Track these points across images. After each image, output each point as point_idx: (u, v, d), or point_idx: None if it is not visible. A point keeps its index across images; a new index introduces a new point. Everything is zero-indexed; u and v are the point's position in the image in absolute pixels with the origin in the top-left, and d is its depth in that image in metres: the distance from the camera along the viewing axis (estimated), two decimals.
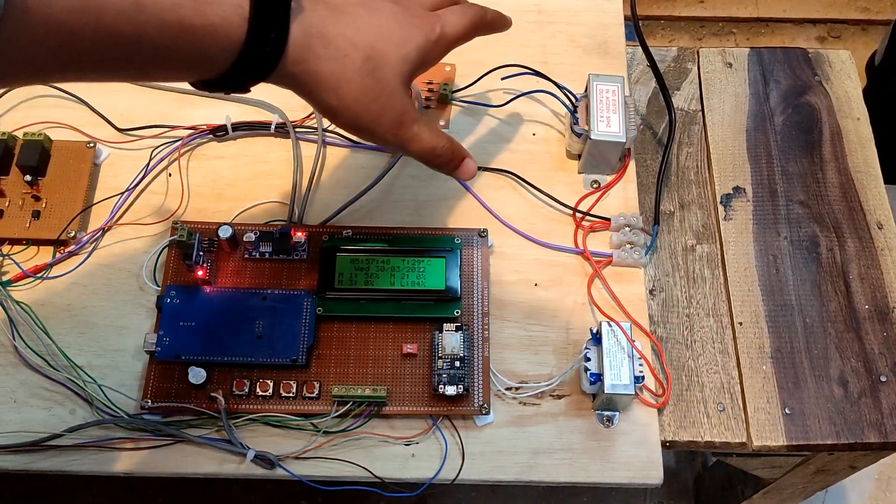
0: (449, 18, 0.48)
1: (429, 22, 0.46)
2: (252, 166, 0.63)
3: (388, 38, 0.44)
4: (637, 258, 0.59)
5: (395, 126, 0.45)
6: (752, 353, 0.59)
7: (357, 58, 0.42)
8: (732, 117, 0.69)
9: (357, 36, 0.42)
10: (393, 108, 0.45)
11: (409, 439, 0.54)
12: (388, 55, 0.43)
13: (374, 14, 0.44)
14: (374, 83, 0.43)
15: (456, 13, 0.49)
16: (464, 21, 0.49)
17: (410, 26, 0.45)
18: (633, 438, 0.55)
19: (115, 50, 0.36)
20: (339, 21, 0.42)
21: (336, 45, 0.42)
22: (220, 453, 0.53)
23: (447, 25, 0.48)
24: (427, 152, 0.48)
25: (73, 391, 0.54)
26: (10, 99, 0.64)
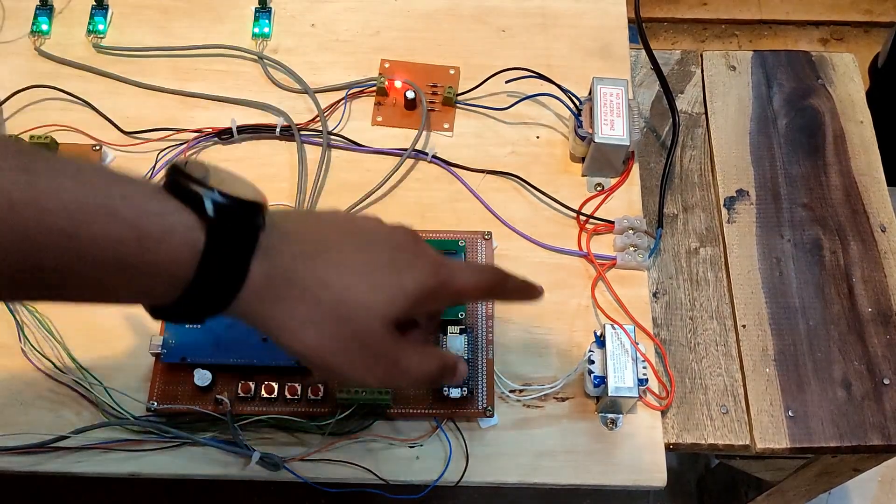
0: (460, 270, 0.42)
1: (432, 267, 0.40)
2: (257, 169, 0.63)
3: (373, 279, 0.38)
4: (641, 261, 0.60)
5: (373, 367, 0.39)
6: (756, 356, 0.59)
7: (327, 300, 0.37)
8: (736, 120, 0.69)
9: (333, 276, 0.37)
10: (368, 352, 0.39)
11: (413, 441, 0.54)
12: (367, 299, 0.38)
13: (365, 251, 0.39)
14: (344, 328, 0.37)
15: (470, 268, 0.44)
16: (476, 277, 0.43)
17: (407, 267, 0.39)
18: (637, 441, 0.55)
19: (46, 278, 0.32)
20: (317, 259, 0.37)
21: (303, 287, 0.36)
22: (225, 455, 0.53)
23: (456, 275, 0.41)
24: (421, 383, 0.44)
25: (79, 393, 0.54)
26: (17, 102, 0.64)
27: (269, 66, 0.67)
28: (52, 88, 0.64)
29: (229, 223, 0.34)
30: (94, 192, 0.32)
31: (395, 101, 0.66)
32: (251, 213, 0.35)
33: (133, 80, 0.66)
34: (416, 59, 0.69)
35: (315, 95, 0.66)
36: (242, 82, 0.67)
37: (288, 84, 0.67)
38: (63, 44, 0.68)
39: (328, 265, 0.38)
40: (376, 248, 0.40)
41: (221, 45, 0.68)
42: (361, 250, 0.39)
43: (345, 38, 0.70)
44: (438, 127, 0.66)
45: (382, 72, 0.67)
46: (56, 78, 0.66)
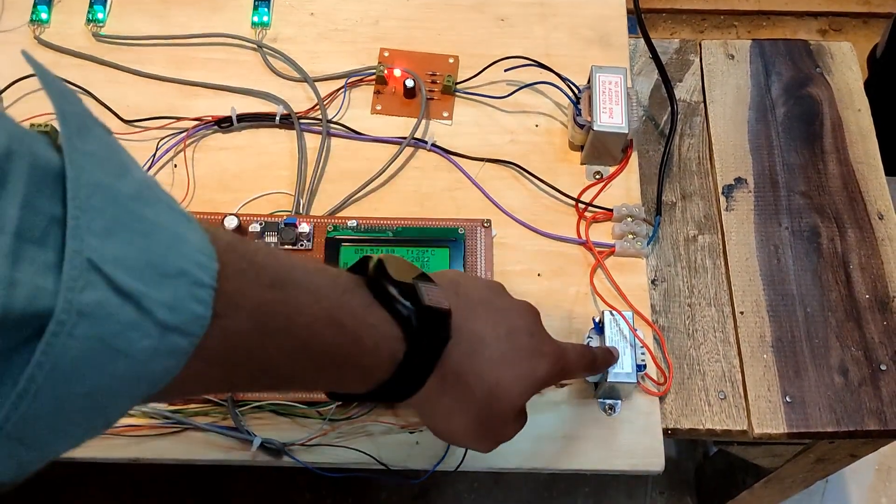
0: (573, 355, 0.47)
1: (555, 355, 0.45)
2: (257, 157, 0.64)
3: (515, 375, 0.42)
4: (639, 248, 0.60)
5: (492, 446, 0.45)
6: (754, 342, 0.60)
7: (480, 394, 0.41)
8: (734, 109, 0.69)
9: (488, 372, 0.41)
10: (500, 436, 0.44)
11: (413, 427, 0.54)
12: (511, 391, 0.42)
13: (510, 344, 0.43)
14: (487, 415, 0.42)
15: (578, 352, 0.48)
16: (582, 363, 0.48)
17: (539, 357, 0.43)
18: (635, 426, 0.55)
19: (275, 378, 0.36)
20: (477, 355, 0.41)
21: (465, 382, 0.41)
22: (227, 441, 0.53)
23: (570, 363, 0.46)
24: None
25: None
26: (16, 91, 0.64)
27: (268, 54, 0.68)
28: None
29: (426, 338, 0.38)
30: (327, 306, 0.35)
31: (395, 89, 0.66)
32: (443, 325, 0.39)
33: (132, 68, 0.66)
34: (415, 48, 0.69)
35: (314, 84, 0.66)
36: (242, 71, 0.67)
37: (287, 73, 0.67)
38: (62, 33, 0.68)
39: (483, 361, 0.41)
40: (517, 338, 0.43)
41: (220, 34, 0.68)
42: (506, 342, 0.42)
43: (344, 28, 0.70)
44: (437, 115, 0.66)
45: (382, 60, 0.68)
46: (55, 67, 0.66)
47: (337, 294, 0.36)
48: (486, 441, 0.44)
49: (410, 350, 0.37)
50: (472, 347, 0.41)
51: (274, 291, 0.33)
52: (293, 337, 0.34)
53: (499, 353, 0.42)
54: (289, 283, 0.34)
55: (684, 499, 1.05)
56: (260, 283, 0.32)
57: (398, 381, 0.38)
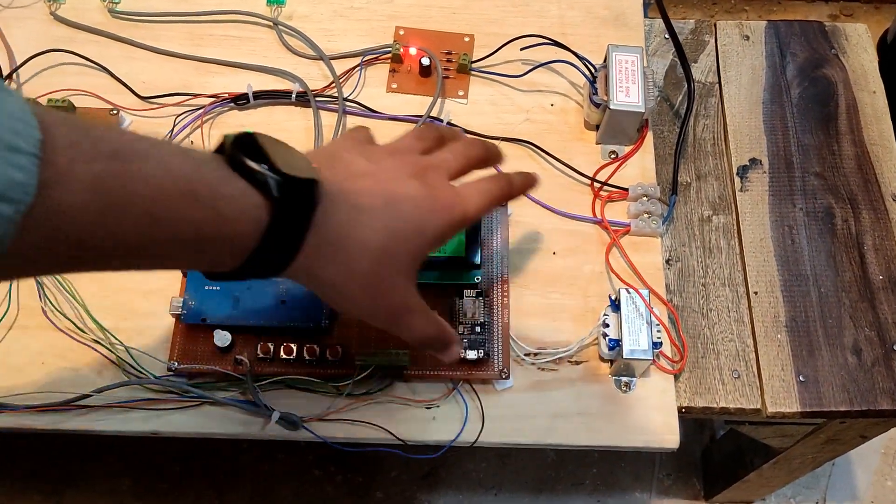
0: (472, 199, 0.46)
1: (450, 207, 0.44)
2: (273, 134, 0.63)
3: (402, 236, 0.42)
4: (654, 227, 0.60)
5: (392, 318, 0.44)
6: (767, 322, 0.60)
7: (365, 261, 0.41)
8: (749, 90, 0.69)
9: (371, 238, 0.41)
10: (391, 303, 0.43)
11: (429, 402, 0.55)
12: (398, 254, 0.42)
13: (395, 206, 0.42)
14: (376, 281, 0.42)
15: (480, 192, 0.47)
16: (486, 200, 0.47)
17: (430, 214, 0.43)
18: (650, 403, 0.55)
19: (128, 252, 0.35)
20: (356, 223, 0.40)
21: (348, 251, 0.40)
22: (244, 415, 0.54)
23: (468, 209, 0.45)
24: (418, 341, 0.47)
25: (99, 353, 0.55)
26: (33, 66, 0.64)
27: (283, 32, 0.68)
28: (69, 53, 0.65)
29: (290, 204, 0.37)
30: (178, 178, 0.34)
31: (410, 68, 0.66)
32: (309, 192, 0.38)
33: (148, 45, 0.66)
34: (430, 26, 0.69)
35: (330, 62, 0.66)
36: (257, 48, 0.67)
37: (303, 50, 0.67)
38: (78, 8, 0.68)
39: (367, 229, 0.41)
40: (402, 203, 0.42)
41: (236, 11, 0.68)
42: (390, 207, 0.42)
43: (359, 6, 0.70)
44: (453, 94, 0.66)
45: (397, 39, 0.68)
46: (72, 43, 0.66)
47: (189, 166, 0.35)
48: (382, 313, 0.44)
49: (274, 216, 0.36)
50: (351, 215, 0.40)
51: (115, 163, 0.32)
52: (139, 210, 0.32)
53: (382, 220, 0.41)
54: (133, 155, 0.33)
55: (690, 480, 1.06)
56: (98, 155, 0.31)
57: (266, 249, 0.37)
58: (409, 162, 0.45)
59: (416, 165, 0.45)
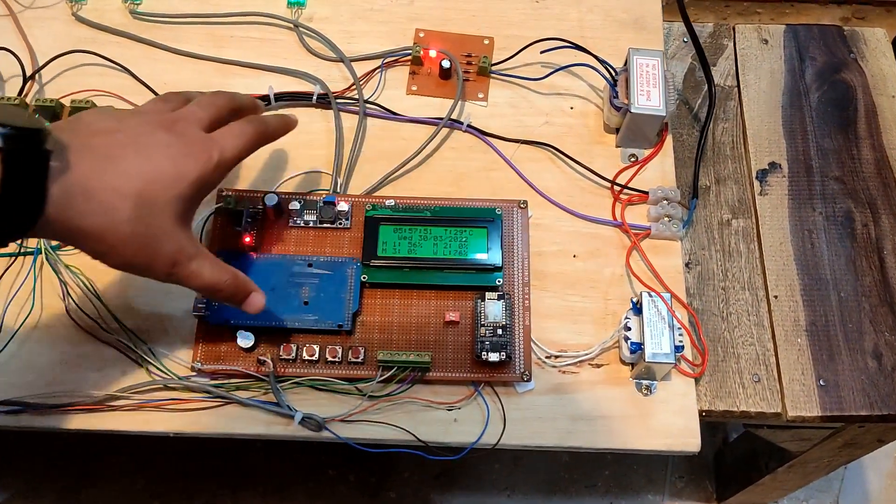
0: (227, 142, 0.47)
1: (205, 150, 0.45)
2: (294, 136, 0.63)
3: (159, 181, 0.43)
4: (675, 231, 0.60)
5: (170, 266, 0.45)
6: (788, 326, 0.60)
7: (124, 208, 0.41)
8: (768, 93, 0.69)
9: (125, 184, 0.42)
10: (166, 250, 0.44)
11: (451, 405, 0.55)
12: (158, 198, 0.43)
13: (146, 154, 0.43)
14: (143, 229, 0.42)
15: (234, 134, 0.48)
16: (242, 141, 0.48)
17: (185, 159, 0.44)
18: (671, 407, 0.56)
19: None
20: (106, 171, 0.41)
21: (100, 199, 0.41)
22: (267, 415, 0.54)
23: (225, 150, 0.47)
24: (207, 288, 0.47)
25: (123, 353, 0.55)
26: (55, 67, 0.65)
27: (304, 34, 0.68)
28: (91, 54, 0.65)
29: (20, 153, 0.38)
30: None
31: (430, 70, 0.67)
32: (38, 140, 0.39)
33: (170, 46, 0.67)
34: (450, 29, 0.69)
35: (351, 64, 0.66)
36: (277, 50, 0.67)
37: (322, 52, 0.67)
38: (100, 9, 0.68)
39: (119, 175, 0.42)
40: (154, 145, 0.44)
41: (257, 13, 0.68)
42: (140, 156, 0.43)
43: (379, 7, 0.70)
44: (473, 97, 0.66)
45: (417, 41, 0.68)
46: (93, 44, 0.66)
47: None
48: (159, 262, 0.44)
49: (6, 167, 0.37)
50: (99, 164, 0.41)
51: None
52: None
53: (135, 168, 0.42)
54: None
55: (703, 483, 1.06)
56: None
57: (8, 202, 0.37)
58: (157, 118, 0.46)
59: (165, 119, 0.46)
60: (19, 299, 0.56)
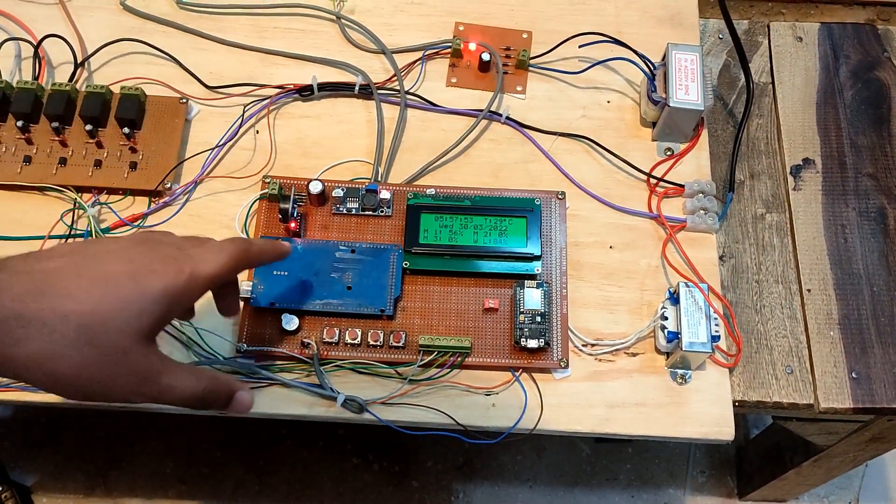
0: (203, 256, 0.42)
1: (175, 264, 0.41)
2: (336, 126, 0.65)
3: (114, 297, 0.38)
4: (711, 224, 0.61)
5: (136, 386, 0.40)
6: (820, 319, 0.61)
7: (68, 330, 0.37)
8: (803, 91, 0.70)
9: (68, 304, 0.37)
10: (127, 370, 0.39)
11: (489, 389, 0.56)
12: (114, 317, 0.38)
13: (99, 265, 0.39)
14: (94, 352, 0.37)
15: (212, 249, 0.43)
16: (222, 257, 0.43)
17: (148, 273, 0.39)
18: (706, 396, 0.56)
19: None
20: (46, 291, 0.37)
21: (38, 324, 0.36)
22: (310, 397, 0.55)
23: (200, 263, 0.42)
24: (186, 401, 0.42)
25: (169, 334, 0.57)
26: (103, 56, 0.66)
27: (346, 26, 0.69)
28: (140, 42, 0.66)
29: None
30: None
31: (469, 63, 0.68)
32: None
33: (214, 36, 0.68)
34: (489, 22, 0.70)
35: (392, 55, 0.67)
36: (320, 41, 0.69)
37: (364, 44, 0.68)
38: None
39: (62, 296, 0.37)
40: (110, 263, 0.39)
41: (300, 4, 0.69)
42: (95, 271, 0.39)
43: (420, 1, 0.71)
44: (511, 89, 0.67)
45: (457, 34, 0.69)
46: (140, 33, 0.68)
47: None
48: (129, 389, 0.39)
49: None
50: (43, 285, 0.37)
51: None
52: None
53: (82, 287, 0.38)
54: None
55: (724, 478, 1.07)
56: None
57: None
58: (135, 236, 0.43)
59: (141, 236, 0.43)
60: None
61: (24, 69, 0.66)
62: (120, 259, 0.40)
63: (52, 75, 0.66)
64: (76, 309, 0.37)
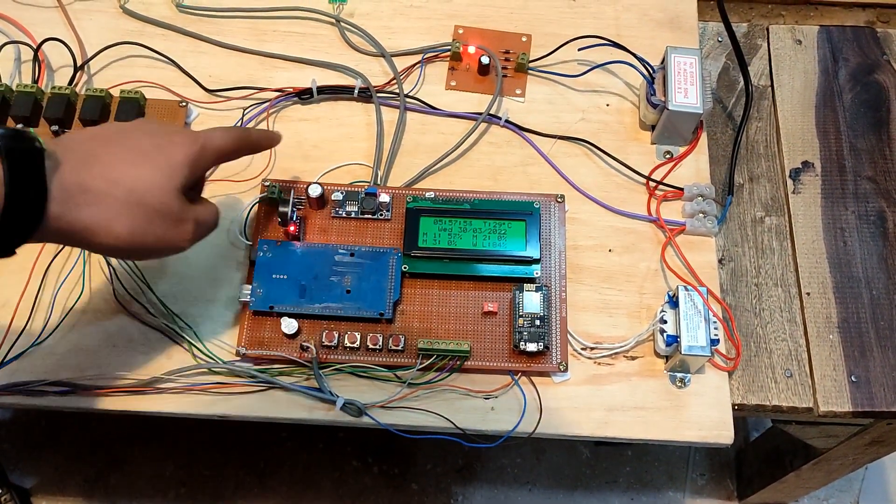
0: (211, 133, 0.50)
1: (190, 137, 0.48)
2: (335, 129, 0.65)
3: (149, 164, 0.45)
4: (710, 227, 0.61)
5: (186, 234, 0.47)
6: (820, 323, 0.61)
7: (120, 194, 0.44)
8: (802, 94, 0.70)
9: (116, 172, 0.44)
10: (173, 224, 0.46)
11: (488, 393, 0.56)
12: (152, 179, 0.45)
13: (131, 146, 0.46)
14: (143, 210, 0.44)
15: (219, 130, 0.51)
16: (227, 136, 0.51)
17: (171, 146, 0.47)
18: (705, 399, 0.56)
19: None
20: (96, 164, 0.43)
21: (95, 190, 0.43)
22: (310, 400, 0.55)
23: (210, 139, 0.49)
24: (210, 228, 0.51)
25: (169, 337, 0.57)
26: (103, 59, 0.66)
27: (345, 29, 0.69)
28: (139, 45, 0.66)
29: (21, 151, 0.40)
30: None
31: (469, 66, 0.68)
32: (30, 139, 0.41)
33: (214, 39, 0.68)
34: (489, 26, 0.70)
35: (391, 58, 0.67)
36: (319, 44, 0.69)
37: (363, 47, 0.68)
38: (146, 2, 0.70)
39: (110, 166, 0.44)
40: (139, 141, 0.46)
41: (299, 8, 0.70)
42: (129, 147, 0.45)
43: (419, 4, 0.71)
44: (511, 92, 0.67)
45: (456, 37, 0.69)
46: (140, 36, 0.68)
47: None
48: (177, 236, 0.47)
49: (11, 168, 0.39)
50: (93, 158, 0.44)
51: None
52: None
53: (121, 158, 0.44)
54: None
55: (724, 481, 1.07)
56: None
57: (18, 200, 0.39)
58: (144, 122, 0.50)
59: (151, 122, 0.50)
60: (69, 284, 0.58)
61: (24, 72, 0.66)
62: (146, 134, 0.47)
63: (52, 78, 0.66)
64: (124, 175, 0.44)
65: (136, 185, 0.44)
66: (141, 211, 0.44)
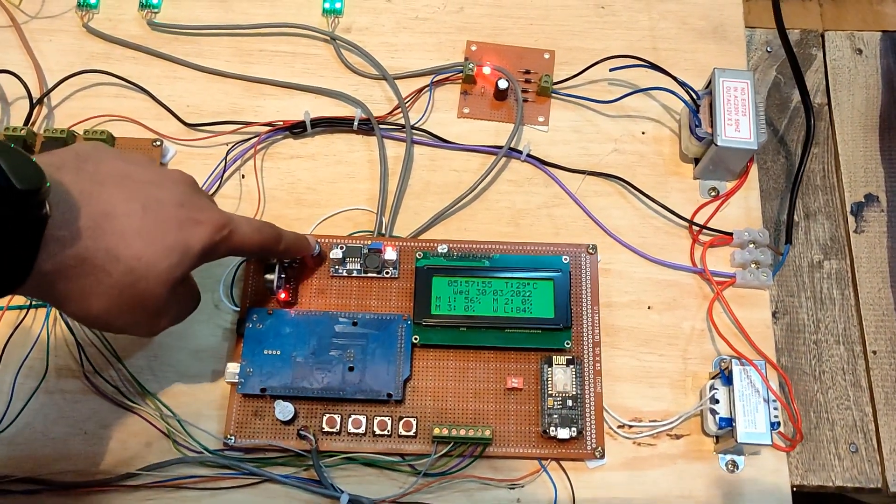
0: (242, 226, 0.43)
1: (219, 221, 0.41)
2: (333, 167, 0.57)
3: (160, 244, 0.39)
4: (764, 280, 0.53)
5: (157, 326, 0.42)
6: (888, 387, 0.54)
7: (116, 273, 0.37)
8: (864, 113, 0.61)
9: (121, 246, 0.37)
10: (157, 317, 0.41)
11: (513, 482, 0.49)
12: (157, 266, 0.39)
13: (155, 212, 0.39)
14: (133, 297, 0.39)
15: (251, 224, 0.45)
16: (257, 234, 0.45)
17: (194, 226, 0.40)
18: (761, 486, 0.49)
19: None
20: (104, 232, 0.37)
21: (91, 264, 0.37)
22: (309, 496, 0.48)
23: (237, 231, 0.43)
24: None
25: (150, 423, 0.49)
26: (66, 88, 0.58)
27: (341, 47, 0.60)
28: (105, 73, 0.58)
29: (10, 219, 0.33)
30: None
31: (484, 89, 0.59)
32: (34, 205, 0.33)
33: (192, 62, 0.59)
34: (505, 39, 0.61)
35: (395, 82, 0.59)
36: (313, 66, 0.60)
37: (363, 68, 0.60)
38: (113, 20, 0.61)
39: (116, 236, 0.37)
40: (160, 210, 0.39)
41: (289, 24, 0.61)
42: (145, 215, 0.39)
43: (425, 16, 0.62)
44: (532, 120, 0.59)
45: (469, 55, 0.60)
46: (107, 59, 0.59)
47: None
48: (141, 325, 0.41)
49: None
50: (97, 224, 0.37)
51: None
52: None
53: (134, 228, 0.38)
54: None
55: None
56: None
57: None
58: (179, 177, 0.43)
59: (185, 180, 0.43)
60: (32, 361, 0.50)
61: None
62: (171, 202, 0.40)
63: (6, 114, 0.57)
64: (127, 253, 0.38)
65: (135, 267, 0.38)
66: (126, 295, 0.38)
